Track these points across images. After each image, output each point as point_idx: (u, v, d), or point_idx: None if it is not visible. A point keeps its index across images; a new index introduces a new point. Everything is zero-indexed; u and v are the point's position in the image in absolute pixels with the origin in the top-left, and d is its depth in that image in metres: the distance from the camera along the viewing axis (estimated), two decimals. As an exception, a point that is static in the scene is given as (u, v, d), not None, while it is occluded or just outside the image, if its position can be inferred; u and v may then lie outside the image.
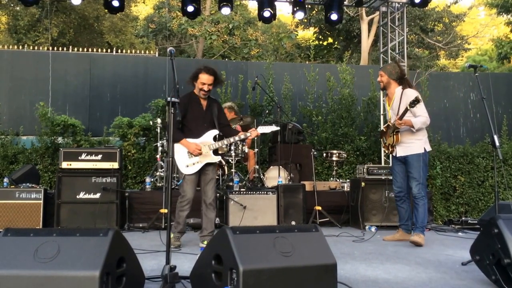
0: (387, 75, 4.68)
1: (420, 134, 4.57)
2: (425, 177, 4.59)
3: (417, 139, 4.56)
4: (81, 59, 10.31)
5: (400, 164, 4.71)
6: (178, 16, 16.02)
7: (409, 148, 4.58)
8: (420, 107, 4.45)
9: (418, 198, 4.51)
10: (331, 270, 2.47)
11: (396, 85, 4.69)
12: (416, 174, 4.51)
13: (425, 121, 4.50)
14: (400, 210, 4.82)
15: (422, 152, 4.54)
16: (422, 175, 4.52)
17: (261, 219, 5.35)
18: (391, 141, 4.69)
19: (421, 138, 4.57)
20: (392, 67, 4.73)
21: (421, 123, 4.47)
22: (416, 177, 4.52)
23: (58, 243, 2.20)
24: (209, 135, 4.33)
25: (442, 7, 18.65)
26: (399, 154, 4.65)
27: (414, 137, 4.55)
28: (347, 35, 17.99)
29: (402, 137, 4.61)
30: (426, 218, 4.58)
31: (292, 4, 7.32)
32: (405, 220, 4.80)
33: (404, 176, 4.70)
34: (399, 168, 4.72)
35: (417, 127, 4.47)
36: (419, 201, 4.51)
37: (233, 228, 2.40)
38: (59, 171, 5.37)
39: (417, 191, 4.50)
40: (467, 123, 10.90)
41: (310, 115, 8.46)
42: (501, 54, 17.42)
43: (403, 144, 4.61)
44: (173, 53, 3.06)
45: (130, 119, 7.46)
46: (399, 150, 4.65)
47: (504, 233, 2.72)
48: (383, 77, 4.72)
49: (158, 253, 3.87)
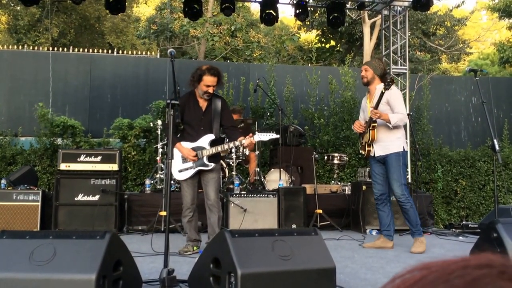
0: (373, 70, 4.45)
1: (398, 132, 4.35)
2: (405, 178, 4.38)
3: (396, 137, 4.33)
4: (81, 59, 10.30)
5: (379, 165, 4.45)
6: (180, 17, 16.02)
7: (388, 147, 4.33)
8: (399, 103, 4.28)
9: (404, 201, 4.28)
10: (330, 274, 2.44)
11: (378, 81, 4.46)
12: (396, 174, 4.28)
13: (402, 118, 4.27)
14: (381, 215, 4.54)
15: (401, 151, 4.31)
16: (403, 175, 4.30)
17: (262, 222, 5.32)
18: (367, 138, 4.38)
19: (400, 137, 4.35)
20: (377, 62, 4.52)
21: (398, 119, 4.22)
22: (396, 178, 4.28)
23: (54, 245, 2.17)
24: (205, 139, 4.11)
25: (444, 11, 18.63)
26: (378, 153, 4.38)
27: (392, 136, 4.32)
28: (349, 38, 17.96)
29: (379, 134, 4.34)
30: (418, 218, 4.35)
31: (295, 6, 7.31)
32: (386, 226, 4.51)
33: (384, 177, 4.44)
34: (379, 169, 4.46)
35: (393, 122, 4.21)
36: (405, 204, 4.28)
37: (232, 232, 2.37)
38: (57, 172, 5.34)
39: (400, 192, 4.26)
40: (469, 127, 10.86)
41: (312, 117, 8.43)
42: (503, 58, 17.41)
43: (381, 143, 4.36)
44: (173, 54, 3.03)
45: (130, 120, 7.44)
46: (377, 149, 4.38)
47: (503, 237, 2.70)
48: (368, 71, 4.47)
49: (157, 256, 3.83)
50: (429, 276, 0.42)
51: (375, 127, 4.34)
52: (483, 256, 0.42)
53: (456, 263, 0.42)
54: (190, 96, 4.17)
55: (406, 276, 0.44)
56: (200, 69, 4.08)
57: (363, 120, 4.62)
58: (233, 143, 4.14)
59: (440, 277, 0.41)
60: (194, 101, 4.15)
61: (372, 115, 4.24)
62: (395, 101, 4.30)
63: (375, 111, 4.19)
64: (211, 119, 4.14)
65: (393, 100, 4.30)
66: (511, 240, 2.72)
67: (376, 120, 4.30)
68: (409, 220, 4.35)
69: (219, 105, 4.17)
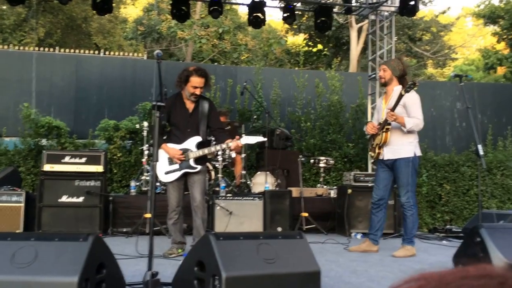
0: (391, 70, 4.33)
1: (411, 137, 4.22)
2: (414, 184, 4.27)
3: (408, 141, 4.21)
4: (67, 60, 10.19)
5: (386, 171, 4.34)
6: (167, 19, 15.97)
7: (398, 151, 4.22)
8: (416, 108, 4.19)
9: (407, 207, 4.22)
10: (315, 277, 2.45)
11: (396, 83, 4.35)
12: (405, 180, 4.19)
13: (418, 124, 4.16)
14: (373, 219, 4.45)
15: (411, 157, 4.19)
16: (411, 182, 4.20)
17: (247, 225, 5.31)
18: (379, 140, 4.26)
19: (412, 141, 4.23)
20: (396, 63, 4.38)
21: (414, 124, 4.12)
22: (404, 184, 4.20)
23: (36, 248, 2.14)
24: (191, 141, 4.06)
25: (430, 16, 18.93)
26: (387, 157, 4.27)
27: (404, 140, 4.21)
28: (337, 42, 18.12)
29: (392, 137, 4.22)
30: (415, 228, 4.29)
31: (283, 10, 7.36)
32: (375, 230, 4.44)
33: (387, 184, 4.36)
34: (384, 175, 4.36)
35: (408, 126, 4.10)
36: (407, 210, 4.22)
37: (216, 234, 2.37)
38: (41, 173, 5.27)
39: (405, 199, 4.20)
40: (453, 132, 11.02)
41: (298, 121, 8.47)
42: (488, 64, 17.72)
43: (392, 146, 4.23)
44: (159, 56, 3.00)
45: (116, 122, 7.38)
46: (387, 152, 4.26)
47: (486, 242, 2.74)
48: (386, 72, 4.35)
49: (142, 259, 3.80)
50: (426, 287, 0.42)
51: (389, 130, 4.22)
52: (481, 266, 0.42)
53: (453, 274, 0.42)
54: (177, 97, 4.12)
55: (403, 286, 0.44)
56: (187, 70, 4.03)
57: (376, 120, 4.52)
58: (220, 146, 4.11)
59: (437, 287, 0.41)
60: (181, 103, 4.10)
61: (388, 117, 4.12)
62: (413, 105, 4.20)
63: (391, 113, 4.08)
64: (198, 121, 4.10)
65: (410, 104, 4.20)
66: (494, 245, 2.76)
67: (391, 123, 4.20)
68: (405, 226, 4.32)
69: (206, 107, 4.12)
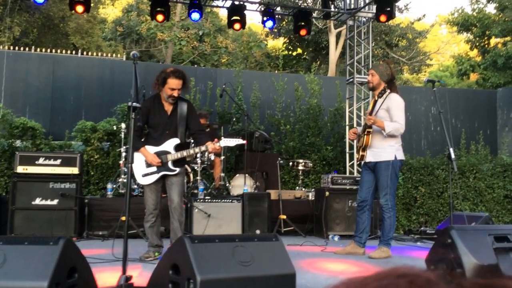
0: (379, 75, 4.40)
1: (392, 141, 4.31)
2: (393, 187, 4.33)
3: (389, 145, 4.30)
4: (44, 60, 9.98)
5: (369, 173, 4.43)
6: (147, 20, 15.83)
7: (379, 154, 4.31)
8: (399, 112, 4.28)
9: (385, 209, 4.28)
10: (290, 280, 2.46)
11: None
12: (384, 182, 4.26)
13: (398, 128, 4.24)
14: (358, 221, 4.53)
15: (392, 160, 4.27)
16: (390, 184, 4.26)
17: (226, 227, 5.30)
18: (362, 142, 4.38)
19: (393, 145, 4.31)
20: (384, 68, 4.44)
21: (393, 128, 4.21)
22: (383, 186, 4.27)
23: (4, 252, 2.08)
24: (169, 144, 4.03)
25: (406, 23, 19.32)
26: (368, 159, 4.37)
27: (385, 143, 4.30)
28: (316, 46, 18.30)
29: (373, 140, 4.33)
30: (392, 231, 4.36)
31: (262, 13, 7.38)
32: (359, 232, 4.49)
33: (370, 186, 4.42)
34: (368, 176, 4.44)
35: (387, 130, 4.19)
36: (385, 213, 4.29)
37: (191, 237, 2.35)
38: (14, 175, 5.14)
39: (384, 201, 4.27)
40: (428, 136, 11.24)
41: (278, 124, 8.50)
42: (461, 71, 18.16)
43: (374, 149, 4.34)
44: (136, 56, 2.98)
45: (94, 123, 7.25)
46: (369, 155, 4.37)
47: (457, 243, 2.80)
48: (374, 76, 4.42)
49: (117, 262, 3.74)
50: None
51: (370, 133, 4.34)
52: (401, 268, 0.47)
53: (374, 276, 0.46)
54: (155, 99, 4.07)
55: None
56: (164, 71, 3.97)
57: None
58: (198, 148, 4.08)
59: None
60: (159, 105, 4.06)
61: (367, 121, 4.31)
62: (396, 109, 4.29)
63: (369, 117, 4.26)
64: (177, 123, 4.05)
65: (393, 109, 4.30)
66: (464, 246, 2.83)
67: (372, 126, 4.31)
68: (383, 228, 4.39)
69: (185, 109, 4.08)
